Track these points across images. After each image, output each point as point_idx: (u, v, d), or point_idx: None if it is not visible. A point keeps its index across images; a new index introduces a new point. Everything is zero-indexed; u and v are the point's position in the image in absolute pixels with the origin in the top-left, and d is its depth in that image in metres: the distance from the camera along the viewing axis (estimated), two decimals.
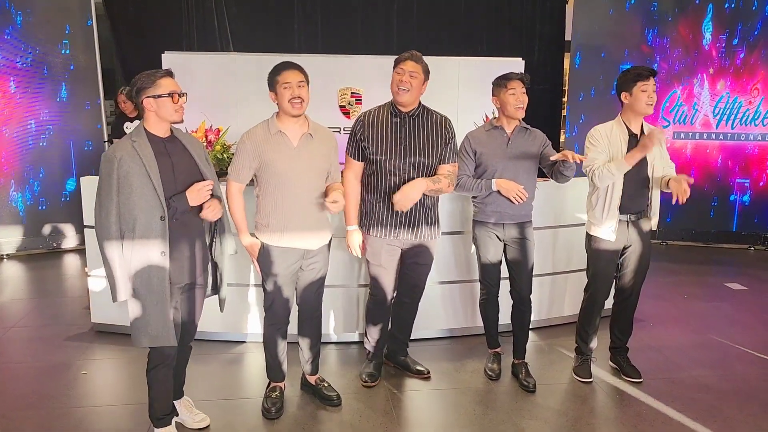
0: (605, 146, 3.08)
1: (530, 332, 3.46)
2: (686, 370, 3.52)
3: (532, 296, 3.31)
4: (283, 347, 3.01)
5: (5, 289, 5.13)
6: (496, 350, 3.47)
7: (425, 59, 2.99)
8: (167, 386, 2.65)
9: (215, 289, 2.77)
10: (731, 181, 6.60)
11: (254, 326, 3.81)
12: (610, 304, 3.44)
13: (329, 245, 3.00)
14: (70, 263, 5.94)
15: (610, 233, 3.14)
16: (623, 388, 3.29)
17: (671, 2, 6.52)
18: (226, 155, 4.44)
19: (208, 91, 5.28)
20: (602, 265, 3.24)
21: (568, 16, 6.93)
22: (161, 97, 2.41)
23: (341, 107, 5.72)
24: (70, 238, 6.35)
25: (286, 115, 2.77)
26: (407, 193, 2.90)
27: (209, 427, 2.85)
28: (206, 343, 3.71)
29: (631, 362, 3.41)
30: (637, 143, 3.03)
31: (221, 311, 2.81)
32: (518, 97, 3.09)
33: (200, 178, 2.54)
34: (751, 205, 6.60)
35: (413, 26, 6.78)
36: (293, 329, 3.04)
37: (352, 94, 5.71)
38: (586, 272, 3.36)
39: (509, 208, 3.14)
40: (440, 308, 3.91)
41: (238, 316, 3.78)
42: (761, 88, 6.40)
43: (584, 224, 3.34)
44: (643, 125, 3.16)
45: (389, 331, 3.35)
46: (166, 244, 2.41)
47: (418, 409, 3.15)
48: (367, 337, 3.33)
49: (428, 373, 3.40)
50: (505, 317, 3.39)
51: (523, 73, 3.16)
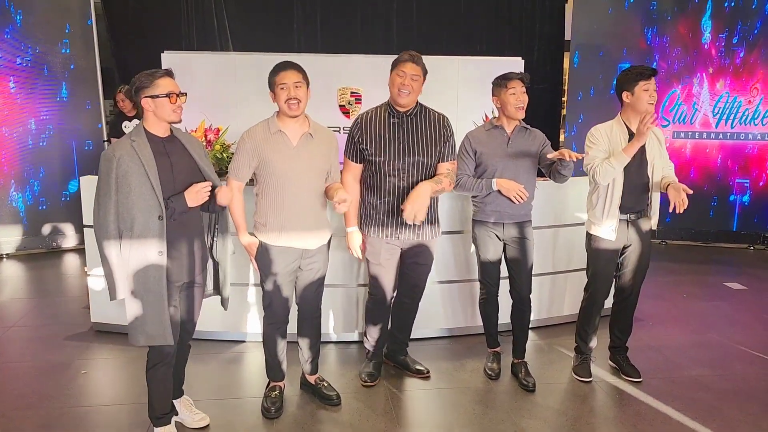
0: (606, 145, 3.08)
1: (530, 332, 3.46)
2: (686, 369, 3.52)
3: (531, 296, 3.31)
4: (282, 347, 3.00)
5: (5, 288, 5.13)
6: (495, 350, 3.47)
7: (424, 58, 2.99)
8: (166, 385, 2.65)
9: (217, 288, 2.78)
10: (731, 180, 6.60)
11: (254, 326, 3.80)
12: (609, 303, 3.44)
13: (329, 245, 2.99)
14: (69, 263, 5.94)
15: (610, 233, 3.14)
16: (623, 387, 3.29)
17: (670, 1, 6.51)
18: (225, 155, 4.44)
19: (207, 90, 5.28)
20: (602, 264, 3.24)
21: (567, 15, 6.93)
22: (159, 97, 2.40)
23: (341, 107, 5.73)
24: (69, 237, 6.35)
25: (284, 114, 2.77)
26: (417, 203, 2.86)
27: (209, 426, 2.84)
28: (206, 342, 3.71)
29: (630, 362, 3.41)
30: None
31: (225, 309, 2.81)
32: (518, 96, 3.09)
33: (200, 177, 2.54)
34: (750, 204, 6.60)
35: (413, 26, 6.79)
36: (293, 329, 3.04)
37: (351, 93, 5.72)
38: (586, 272, 3.36)
39: (509, 207, 3.14)
40: (440, 308, 3.91)
41: (237, 315, 3.78)
42: (761, 87, 6.39)
43: (584, 224, 3.34)
44: None
45: (389, 330, 3.35)
46: (163, 243, 2.41)
47: (417, 408, 3.15)
48: (366, 336, 3.33)
49: (428, 372, 3.40)
50: (504, 317, 3.39)
51: (523, 72, 3.16)
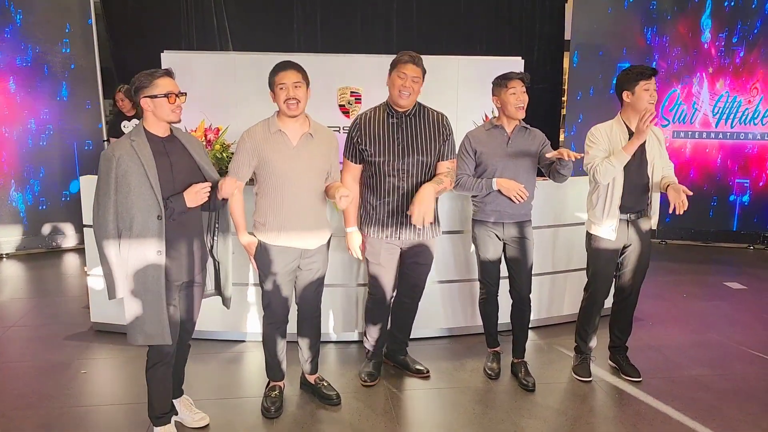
0: (606, 145, 3.08)
1: (530, 331, 3.46)
2: (686, 369, 3.52)
3: (531, 295, 3.31)
4: (282, 346, 3.00)
5: (5, 288, 5.13)
6: (495, 349, 3.47)
7: (424, 58, 2.99)
8: (166, 385, 2.65)
9: (218, 287, 2.78)
10: (731, 180, 6.60)
11: (254, 325, 3.80)
12: (609, 303, 3.44)
13: (328, 245, 2.99)
14: (69, 262, 5.94)
15: (610, 232, 3.14)
16: (623, 387, 3.29)
17: (670, 1, 6.51)
18: (225, 154, 4.43)
19: (207, 90, 5.27)
20: (602, 264, 3.24)
21: (567, 15, 6.93)
22: (158, 97, 2.40)
23: (341, 106, 5.72)
24: (69, 237, 6.35)
25: (284, 114, 2.77)
26: (423, 205, 2.85)
27: (209, 426, 2.84)
28: (206, 342, 3.71)
29: (630, 361, 3.42)
30: None
31: (227, 308, 2.81)
32: (519, 96, 3.08)
33: (200, 177, 2.54)
34: (750, 204, 6.60)
35: (413, 26, 6.79)
36: (293, 328, 3.04)
37: (351, 93, 5.71)
38: (585, 271, 3.36)
39: (509, 207, 3.14)
40: (440, 307, 3.91)
41: (237, 315, 3.78)
42: (761, 87, 6.39)
43: (584, 223, 3.34)
44: None
45: (389, 330, 3.35)
46: (162, 243, 2.41)
47: (417, 408, 3.15)
48: (366, 336, 3.33)
49: (428, 372, 3.40)
50: (504, 316, 3.39)
51: (523, 72, 3.16)
